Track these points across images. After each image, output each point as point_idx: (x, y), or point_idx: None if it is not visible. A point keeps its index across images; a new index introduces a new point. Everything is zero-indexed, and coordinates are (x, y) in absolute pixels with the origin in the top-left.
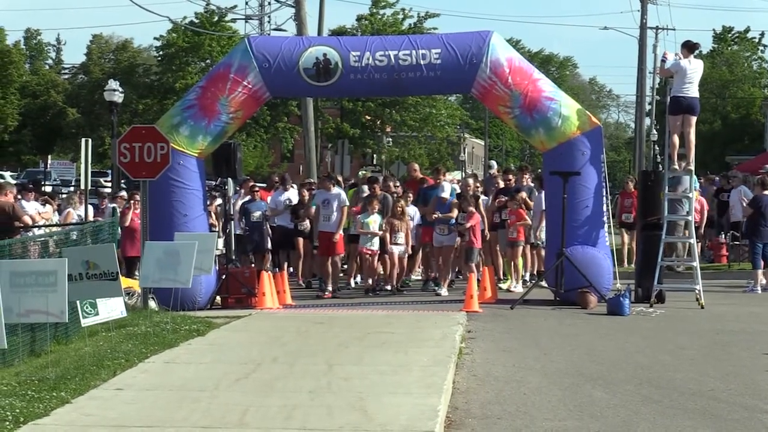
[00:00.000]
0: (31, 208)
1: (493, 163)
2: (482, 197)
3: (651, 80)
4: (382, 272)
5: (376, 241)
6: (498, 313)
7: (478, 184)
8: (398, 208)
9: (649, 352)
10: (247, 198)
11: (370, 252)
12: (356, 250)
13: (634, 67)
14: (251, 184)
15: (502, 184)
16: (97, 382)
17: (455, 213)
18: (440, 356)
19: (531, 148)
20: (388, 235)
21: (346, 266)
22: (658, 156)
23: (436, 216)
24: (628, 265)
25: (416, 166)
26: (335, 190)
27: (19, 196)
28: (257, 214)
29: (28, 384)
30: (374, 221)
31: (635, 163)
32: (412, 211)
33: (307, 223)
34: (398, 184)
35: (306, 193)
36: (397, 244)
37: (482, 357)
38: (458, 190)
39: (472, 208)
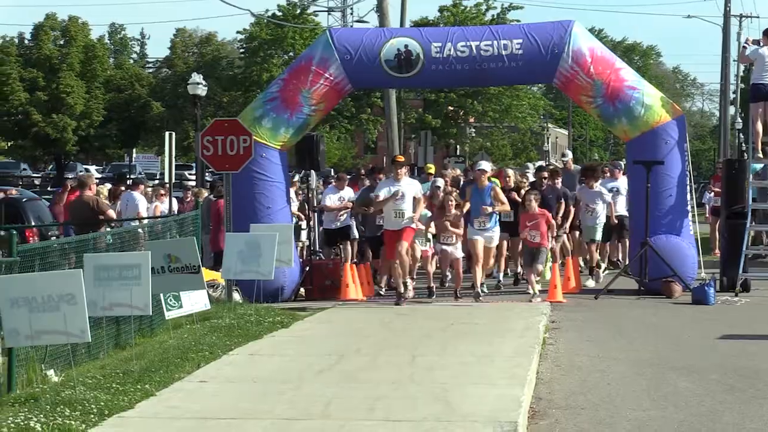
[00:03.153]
0: (143, 202)
1: (568, 152)
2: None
3: (735, 68)
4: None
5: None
6: (582, 303)
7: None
8: (450, 207)
9: (735, 341)
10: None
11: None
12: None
13: (718, 55)
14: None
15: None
16: (181, 374)
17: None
18: (524, 346)
19: (614, 137)
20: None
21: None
22: (743, 144)
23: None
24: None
25: (510, 173)
26: (407, 178)
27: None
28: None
29: (113, 377)
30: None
31: (720, 152)
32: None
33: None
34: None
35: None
36: (452, 245)
37: (566, 347)
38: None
39: (535, 210)
